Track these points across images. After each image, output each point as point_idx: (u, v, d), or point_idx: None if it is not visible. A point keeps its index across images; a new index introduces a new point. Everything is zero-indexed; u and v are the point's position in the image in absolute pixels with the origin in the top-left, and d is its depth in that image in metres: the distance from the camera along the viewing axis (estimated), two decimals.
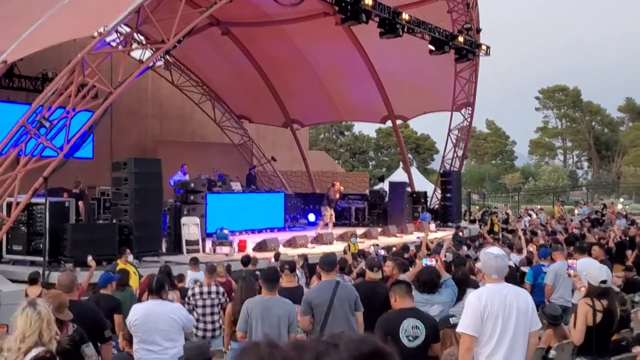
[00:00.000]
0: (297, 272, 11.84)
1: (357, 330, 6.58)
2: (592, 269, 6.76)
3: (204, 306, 9.32)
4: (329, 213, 22.28)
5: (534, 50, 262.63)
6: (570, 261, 7.71)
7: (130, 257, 12.04)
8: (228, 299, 9.54)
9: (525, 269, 12.82)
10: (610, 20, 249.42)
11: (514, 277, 10.15)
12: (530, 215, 30.91)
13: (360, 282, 7.86)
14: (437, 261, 8.48)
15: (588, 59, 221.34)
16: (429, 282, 7.42)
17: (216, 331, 9.46)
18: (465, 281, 7.89)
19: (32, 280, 10.32)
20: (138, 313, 6.75)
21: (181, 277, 11.32)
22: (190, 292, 9.50)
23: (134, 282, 10.82)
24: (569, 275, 7.52)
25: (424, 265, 8.10)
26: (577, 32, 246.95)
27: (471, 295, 5.38)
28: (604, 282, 6.44)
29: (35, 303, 4.43)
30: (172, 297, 7.75)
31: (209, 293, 9.45)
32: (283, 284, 7.61)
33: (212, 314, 9.39)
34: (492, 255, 5.37)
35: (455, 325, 5.79)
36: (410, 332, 5.90)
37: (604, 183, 66.42)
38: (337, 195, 22.63)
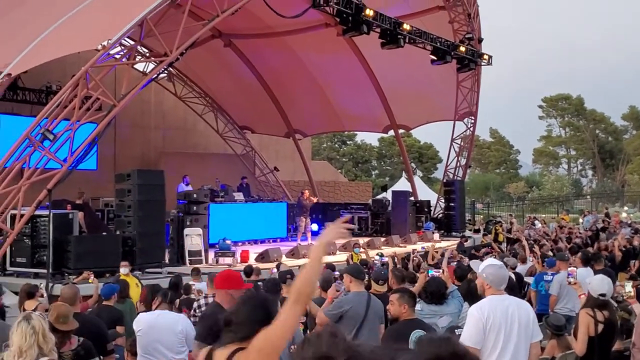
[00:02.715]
0: None
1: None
2: (594, 281, 6.76)
3: None
4: (303, 223, 22.21)
5: (534, 58, 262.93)
6: (570, 269, 7.71)
7: (124, 269, 11.90)
8: None
9: (529, 279, 12.81)
10: (606, 24, 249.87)
11: (514, 287, 10.14)
12: (534, 224, 30.83)
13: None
14: (443, 272, 8.44)
15: (588, 62, 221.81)
16: (436, 293, 7.35)
17: None
18: (475, 294, 7.80)
19: (30, 294, 10.31)
20: (142, 323, 6.72)
21: (188, 288, 11.25)
22: (195, 304, 9.45)
23: (135, 294, 10.79)
24: (569, 283, 7.52)
25: (429, 276, 8.05)
26: (574, 36, 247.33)
27: (473, 307, 5.37)
28: (603, 295, 6.44)
29: (30, 317, 4.47)
30: None
31: None
32: (284, 294, 7.57)
33: None
34: (495, 266, 5.38)
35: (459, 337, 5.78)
36: None
37: (608, 192, 66.27)
38: (309, 202, 22.48)
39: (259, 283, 10.43)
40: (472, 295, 7.70)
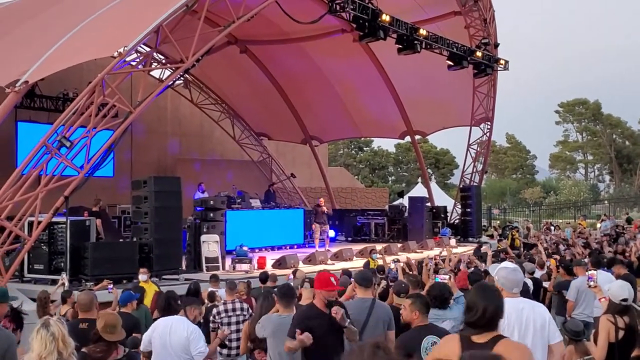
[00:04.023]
0: None
1: None
2: (613, 286, 6.69)
3: (229, 324, 9.21)
4: (318, 230, 22.18)
5: (551, 63, 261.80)
6: (589, 272, 7.64)
7: (142, 276, 11.90)
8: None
9: (547, 284, 12.71)
10: (623, 31, 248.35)
11: (528, 291, 10.05)
12: (550, 230, 30.64)
13: (391, 306, 7.69)
14: (450, 278, 8.41)
15: (605, 67, 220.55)
16: (439, 297, 7.33)
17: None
18: None
19: (63, 299, 10.37)
20: (159, 326, 6.91)
21: (213, 296, 11.17)
22: (214, 311, 9.43)
23: None
24: (589, 286, 7.46)
25: (436, 281, 8.04)
26: (592, 42, 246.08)
27: None
28: (625, 300, 6.39)
29: (49, 324, 4.48)
30: None
31: (234, 310, 9.35)
32: (302, 301, 7.49)
33: (237, 331, 9.21)
34: (507, 269, 5.36)
35: None
36: (431, 349, 5.86)
37: (626, 196, 65.75)
38: (323, 210, 22.38)
39: (275, 289, 10.39)
40: None
